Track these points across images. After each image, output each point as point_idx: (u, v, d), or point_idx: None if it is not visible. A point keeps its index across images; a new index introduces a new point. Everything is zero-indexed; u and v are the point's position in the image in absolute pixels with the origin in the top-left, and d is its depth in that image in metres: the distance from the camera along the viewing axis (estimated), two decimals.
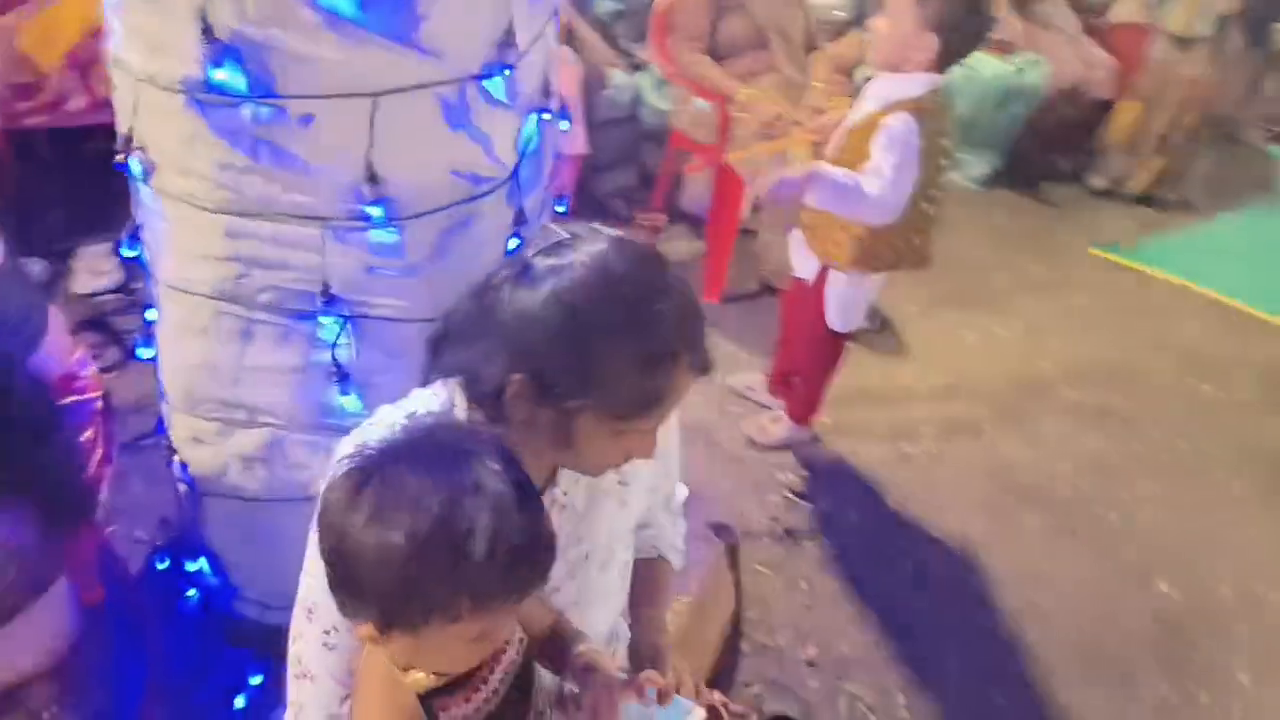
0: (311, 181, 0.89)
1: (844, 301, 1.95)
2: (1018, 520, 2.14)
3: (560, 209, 1.43)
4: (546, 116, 1.09)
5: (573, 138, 2.74)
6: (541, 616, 0.88)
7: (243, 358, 1.03)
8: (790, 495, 2.08)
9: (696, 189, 3.09)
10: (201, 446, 1.12)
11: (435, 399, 0.82)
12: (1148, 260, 3.57)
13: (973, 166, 4.01)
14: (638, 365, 0.74)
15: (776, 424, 2.19)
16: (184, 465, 1.14)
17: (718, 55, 2.58)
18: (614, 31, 3.11)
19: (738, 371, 2.43)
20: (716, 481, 2.07)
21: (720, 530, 1.63)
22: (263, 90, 0.83)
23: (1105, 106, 4.25)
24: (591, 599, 0.97)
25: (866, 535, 2.02)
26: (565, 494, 0.92)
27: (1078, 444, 2.41)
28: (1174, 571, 2.05)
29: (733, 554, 1.67)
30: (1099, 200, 4.13)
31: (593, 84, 2.98)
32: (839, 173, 1.73)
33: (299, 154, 0.87)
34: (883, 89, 1.75)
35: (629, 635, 1.07)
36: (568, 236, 0.77)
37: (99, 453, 1.43)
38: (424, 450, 0.65)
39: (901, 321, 2.87)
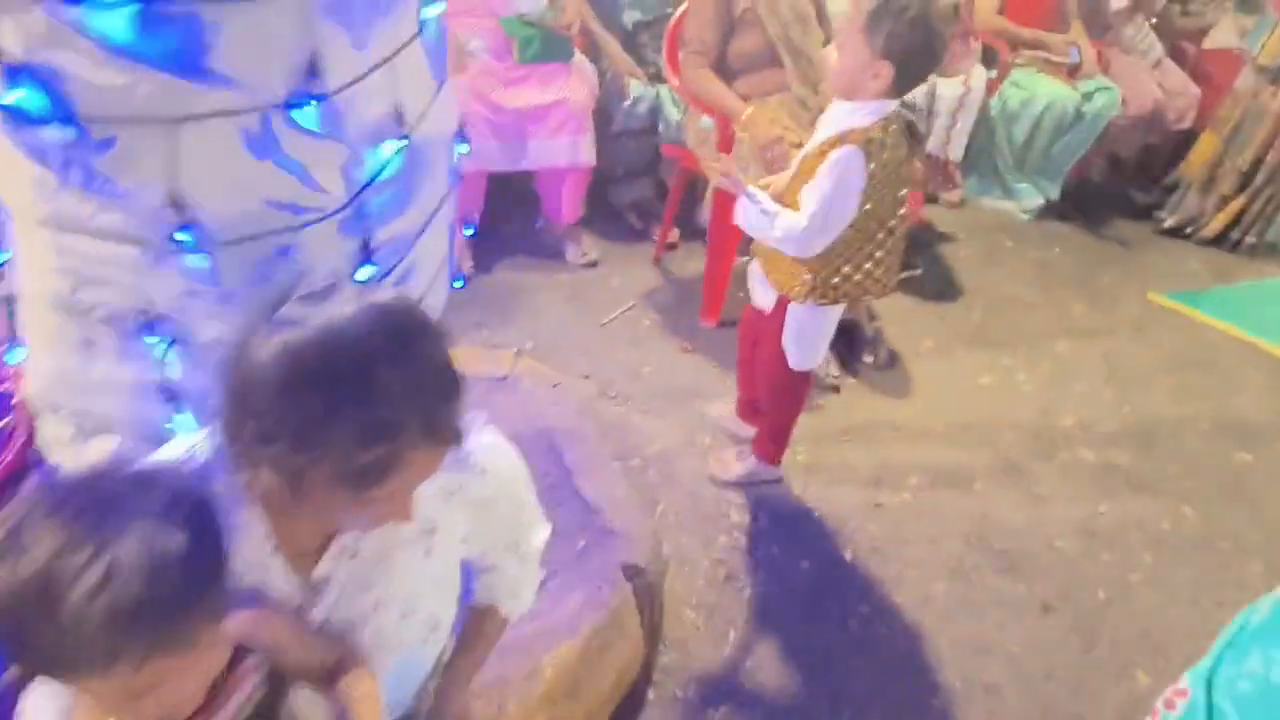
0: (122, 204, 0.88)
1: (803, 336, 1.84)
2: (988, 587, 1.97)
3: (468, 232, 1.40)
4: (404, 143, 1.05)
5: (581, 148, 2.71)
6: (323, 652, 0.87)
7: (88, 369, 1.03)
8: (740, 536, 1.99)
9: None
10: (63, 449, 1.14)
11: (186, 444, 0.82)
12: (1212, 310, 3.26)
13: (1025, 196, 3.77)
14: (355, 432, 0.71)
15: (740, 460, 2.10)
16: (53, 467, 1.17)
17: (730, 71, 2.49)
18: (639, 41, 3.06)
19: (718, 400, 2.35)
20: (665, 515, 2.00)
21: (632, 572, 1.56)
22: (64, 112, 0.83)
23: (1188, 139, 3.93)
24: (390, 646, 0.95)
25: (813, 588, 1.90)
26: (355, 541, 0.89)
27: (1078, 507, 2.21)
28: (1161, 663, 1.84)
29: (649, 596, 1.60)
30: (1168, 241, 3.81)
31: (612, 94, 2.94)
32: (762, 199, 1.67)
33: (107, 176, 0.87)
34: (835, 117, 1.67)
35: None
36: (325, 288, 0.74)
37: (19, 440, 1.50)
38: (82, 497, 0.63)
39: (912, 357, 2.71)
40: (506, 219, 2.99)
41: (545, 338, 2.51)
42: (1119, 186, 4.16)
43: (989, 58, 3.65)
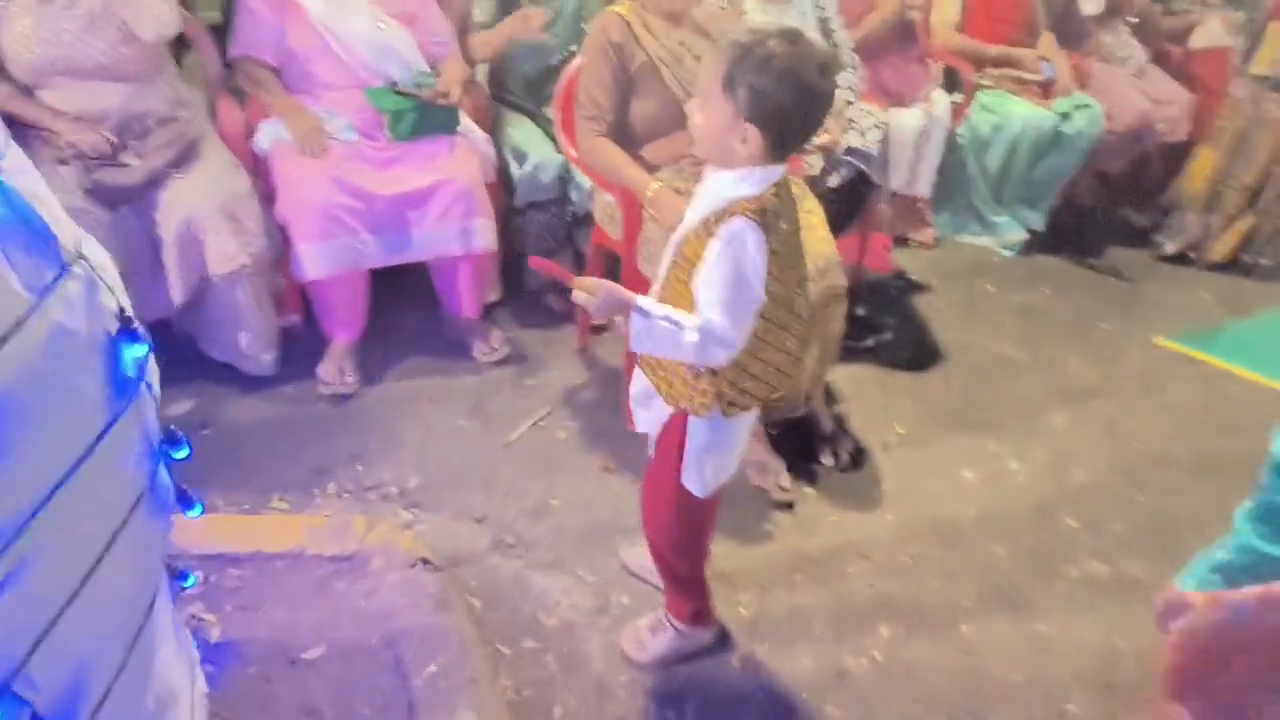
0: None
1: (707, 455, 1.41)
2: None
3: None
4: None
5: (475, 233, 2.29)
6: None
7: None
8: None
9: None
10: None
11: None
12: (1229, 352, 2.82)
13: (1005, 230, 3.34)
14: None
15: (655, 632, 1.66)
16: None
17: (634, 137, 2.08)
18: (545, 92, 2.65)
19: (642, 539, 1.91)
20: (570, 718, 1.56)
21: None
22: None
23: (1183, 150, 3.51)
24: None
25: None
26: None
27: (1092, 649, 1.77)
28: None
29: None
30: (1171, 269, 3.37)
31: (513, 160, 2.53)
32: (660, 314, 1.26)
33: None
34: (715, 187, 1.27)
35: None
36: None
37: None
38: None
39: (881, 451, 2.27)
40: (401, 314, 2.57)
41: (436, 468, 2.08)
42: (1110, 209, 3.73)
43: (951, 81, 3.23)
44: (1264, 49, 3.24)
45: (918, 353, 2.70)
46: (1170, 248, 3.38)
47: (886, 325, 2.76)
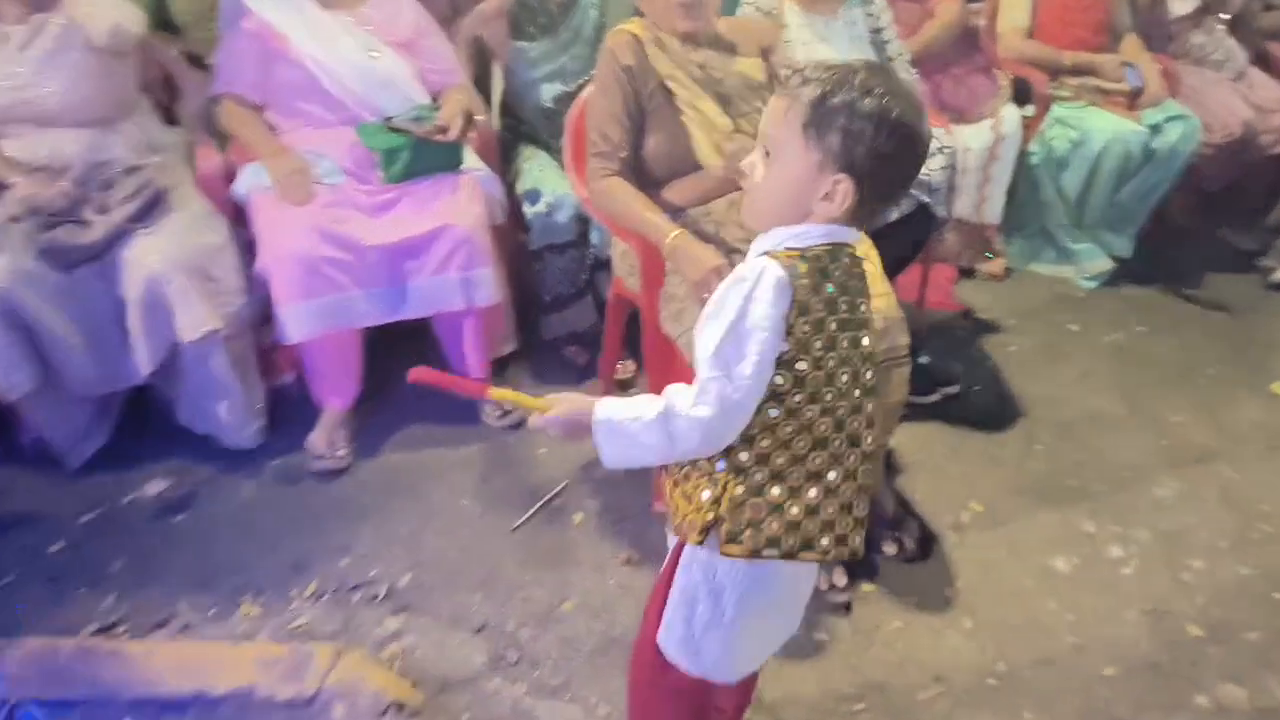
0: None
1: (699, 611, 1.04)
2: None
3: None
4: None
5: (478, 285, 2.00)
6: None
7: None
8: None
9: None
10: None
11: None
12: None
13: (1087, 258, 2.93)
14: None
15: None
16: None
17: (652, 176, 1.78)
18: (564, 122, 2.36)
19: None
20: None
21: None
22: None
23: None
24: None
25: None
26: None
27: None
28: None
29: None
30: None
31: (526, 198, 2.24)
32: (629, 408, 0.96)
33: None
34: (760, 245, 0.99)
35: None
36: None
37: None
38: None
39: (953, 534, 1.91)
40: (402, 375, 2.29)
41: (432, 561, 1.79)
42: (1209, 231, 3.29)
43: (1022, 93, 2.86)
44: None
45: (992, 408, 2.33)
46: (1278, 274, 2.94)
47: (954, 375, 2.39)
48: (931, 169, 2.09)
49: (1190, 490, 2.07)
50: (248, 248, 1.96)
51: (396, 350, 2.21)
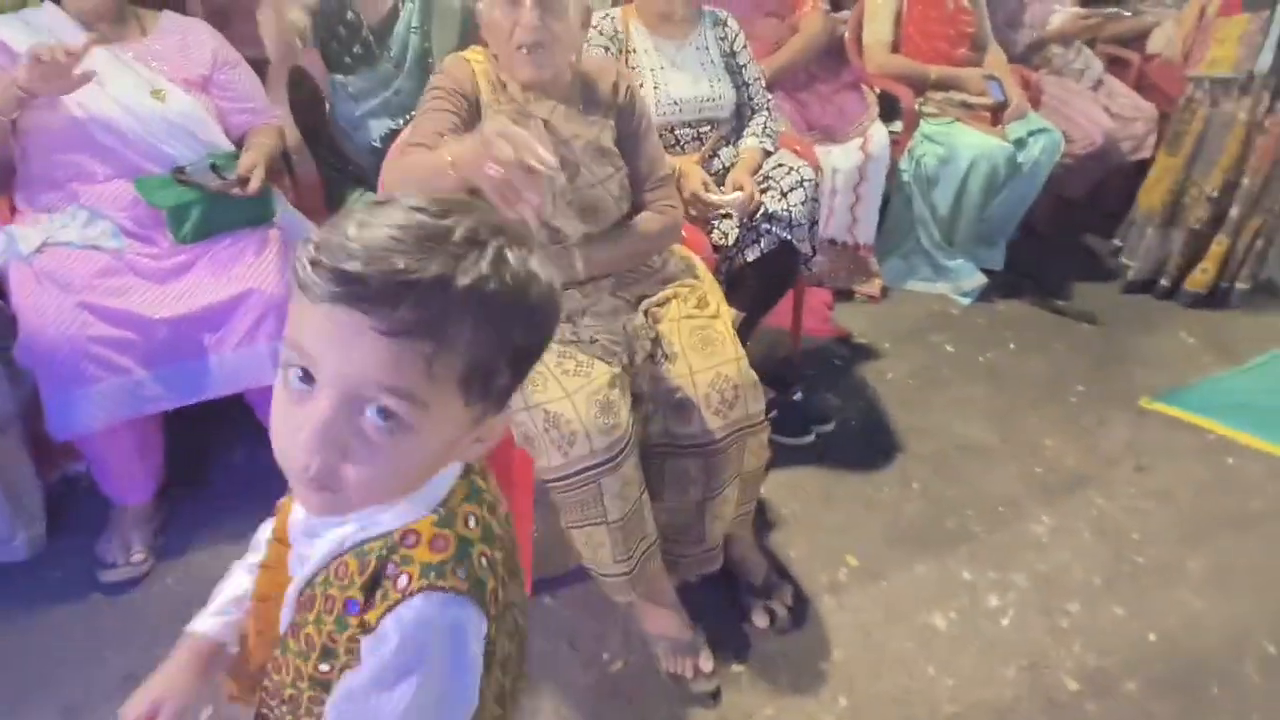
0: None
1: None
2: None
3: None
4: None
5: None
6: None
7: None
8: None
9: None
10: None
11: None
12: (1230, 416, 2.38)
13: (961, 275, 2.89)
14: None
15: None
16: None
17: None
18: None
19: None
20: None
21: None
22: None
23: (1146, 167, 3.10)
24: None
25: None
26: None
27: None
28: None
29: None
30: (1143, 305, 2.96)
31: None
32: None
33: None
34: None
35: None
36: None
37: None
38: None
39: (830, 594, 1.79)
40: (222, 454, 2.02)
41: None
42: (1072, 238, 3.32)
43: (889, 109, 2.79)
44: (1215, 46, 2.83)
45: (869, 445, 2.23)
46: (1133, 272, 2.97)
47: (830, 411, 2.29)
48: (792, 203, 1.95)
49: (1064, 524, 2.01)
50: (11, 323, 1.65)
51: (204, 426, 1.94)
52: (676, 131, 2.04)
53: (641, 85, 2.00)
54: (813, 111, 2.68)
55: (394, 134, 2.06)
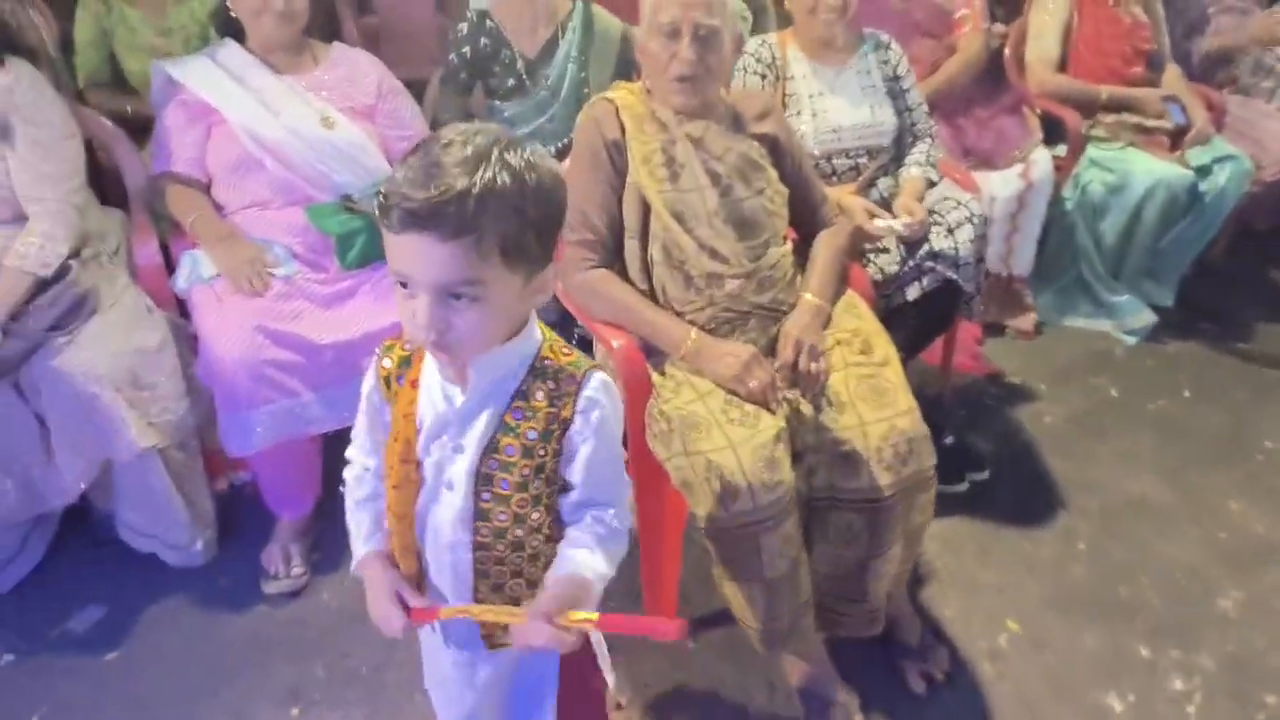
0: None
1: None
2: None
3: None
4: None
5: None
6: None
7: None
8: None
9: None
10: None
11: None
12: None
13: (1127, 312, 2.69)
14: None
15: None
16: None
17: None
18: None
19: None
20: None
21: None
22: None
23: None
24: None
25: None
26: None
27: None
28: None
29: None
30: None
31: None
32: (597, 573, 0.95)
33: None
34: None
35: None
36: None
37: None
38: None
39: (989, 662, 1.67)
40: None
41: (394, 705, 1.58)
42: (1257, 274, 3.03)
43: (1053, 132, 2.62)
44: None
45: (1027, 497, 2.09)
46: None
47: (984, 458, 2.16)
48: (959, 241, 1.85)
49: (1256, 600, 1.82)
50: (194, 342, 1.75)
51: None
52: (834, 160, 1.97)
53: (799, 113, 1.95)
54: (970, 136, 2.54)
55: None
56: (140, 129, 2.04)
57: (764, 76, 1.95)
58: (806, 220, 1.67)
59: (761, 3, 2.98)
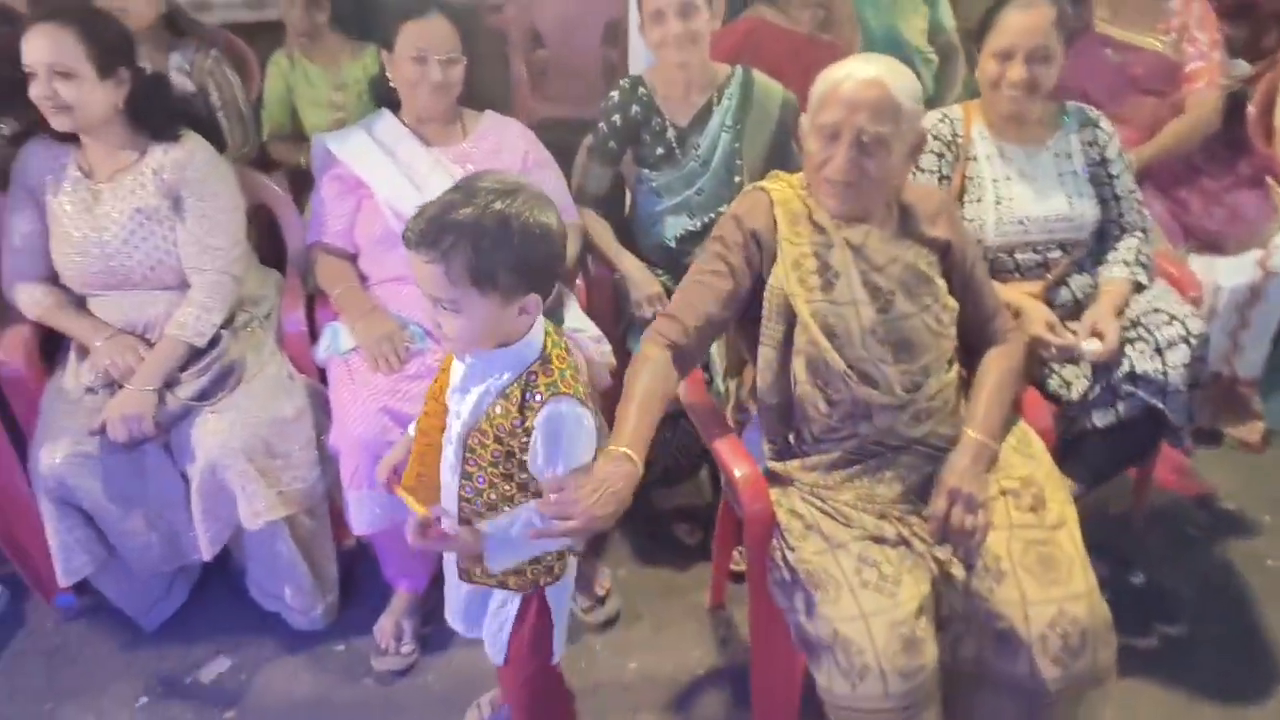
0: None
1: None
2: None
3: None
4: None
5: None
6: None
7: None
8: None
9: None
10: None
11: None
12: None
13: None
14: None
15: None
16: None
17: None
18: (687, 263, 2.02)
19: None
20: None
21: None
22: None
23: None
24: None
25: None
26: None
27: None
28: None
29: None
30: None
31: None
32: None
33: None
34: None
35: None
36: None
37: None
38: None
39: None
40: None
41: None
42: None
43: None
44: None
45: (1238, 665, 1.74)
46: None
47: (1181, 606, 1.82)
48: (1170, 364, 1.55)
49: None
50: (328, 410, 1.78)
51: None
52: (1017, 255, 1.72)
53: (979, 199, 1.71)
54: (1193, 213, 2.17)
55: (690, 235, 1.97)
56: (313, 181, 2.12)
57: (941, 156, 1.74)
58: (974, 334, 1.45)
59: (949, 46, 2.73)
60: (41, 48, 1.57)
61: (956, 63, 2.73)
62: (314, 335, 1.87)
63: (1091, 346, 1.54)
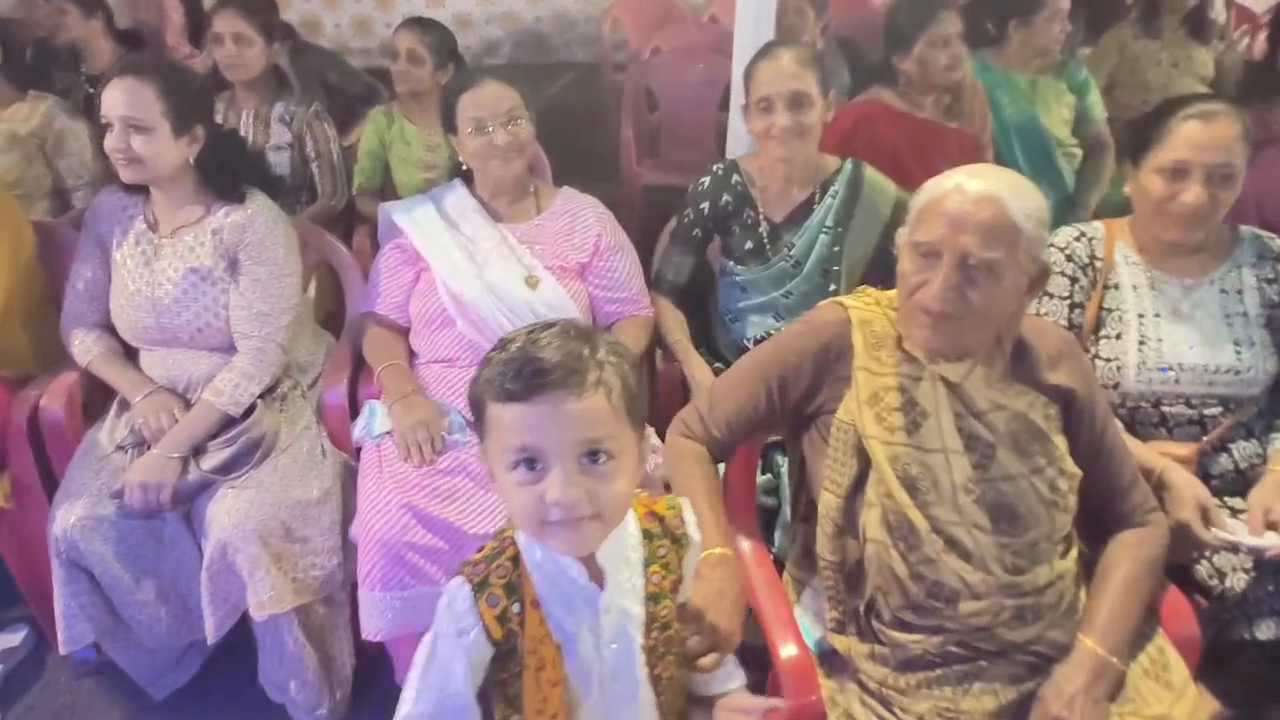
0: None
1: None
2: None
3: None
4: None
5: None
6: None
7: None
8: None
9: None
10: None
11: None
12: None
13: None
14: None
15: None
16: None
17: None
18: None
19: None
20: None
21: None
22: None
23: None
24: None
25: None
26: None
27: None
28: None
29: None
30: None
31: None
32: None
33: None
34: None
35: None
36: None
37: None
38: None
39: None
40: None
41: None
42: None
43: None
44: None
45: None
46: None
47: None
48: None
49: None
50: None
51: None
52: (1163, 407, 1.42)
53: (1118, 335, 1.44)
54: None
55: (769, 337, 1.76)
56: None
57: (1075, 280, 1.47)
58: (1102, 512, 1.18)
59: (1098, 140, 2.45)
60: (120, 101, 1.55)
61: (1105, 158, 2.45)
62: (356, 409, 1.77)
63: (1263, 542, 1.22)
